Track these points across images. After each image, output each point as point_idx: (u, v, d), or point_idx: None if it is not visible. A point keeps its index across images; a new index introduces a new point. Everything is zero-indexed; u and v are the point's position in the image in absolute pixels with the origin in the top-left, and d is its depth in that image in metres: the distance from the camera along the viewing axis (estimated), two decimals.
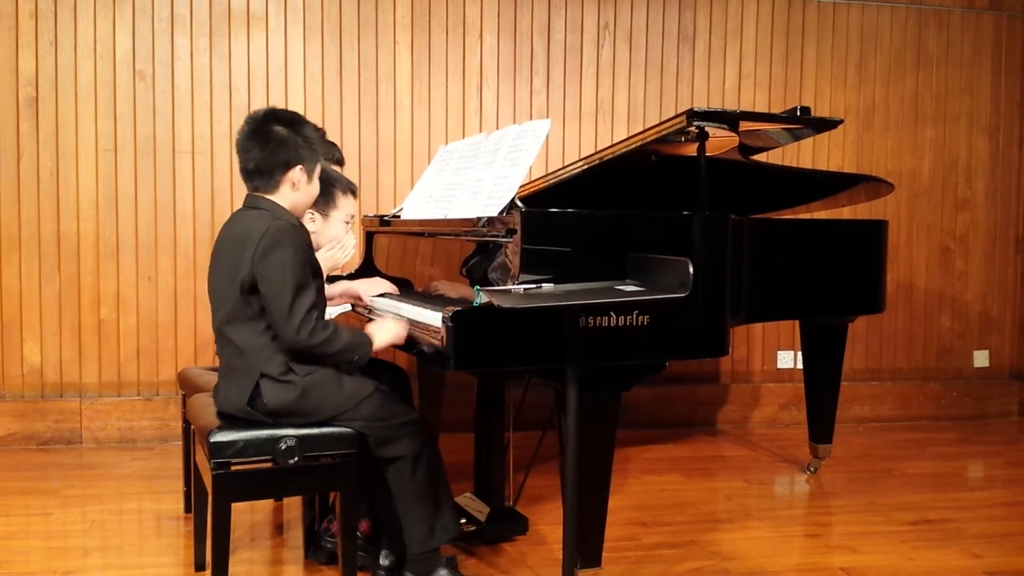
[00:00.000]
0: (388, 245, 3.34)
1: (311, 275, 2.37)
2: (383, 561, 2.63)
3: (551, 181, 2.97)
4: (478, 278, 2.53)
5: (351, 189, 2.93)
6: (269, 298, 2.30)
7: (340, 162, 3.49)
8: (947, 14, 5.02)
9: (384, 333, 2.47)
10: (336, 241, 2.93)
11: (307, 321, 2.29)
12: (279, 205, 2.42)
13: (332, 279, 3.13)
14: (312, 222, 2.83)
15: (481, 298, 2.19)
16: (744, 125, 2.84)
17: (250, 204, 2.45)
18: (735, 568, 2.85)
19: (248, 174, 2.43)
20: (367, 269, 3.47)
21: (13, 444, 4.19)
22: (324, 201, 2.80)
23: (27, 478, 3.75)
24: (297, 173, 2.41)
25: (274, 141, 2.38)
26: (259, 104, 4.30)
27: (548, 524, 3.16)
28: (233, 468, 2.34)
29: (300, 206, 2.50)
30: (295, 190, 2.43)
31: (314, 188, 2.50)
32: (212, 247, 2.50)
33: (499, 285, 2.38)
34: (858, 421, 4.98)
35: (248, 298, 2.34)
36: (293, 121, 2.42)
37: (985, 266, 5.17)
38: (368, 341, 2.43)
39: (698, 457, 4.25)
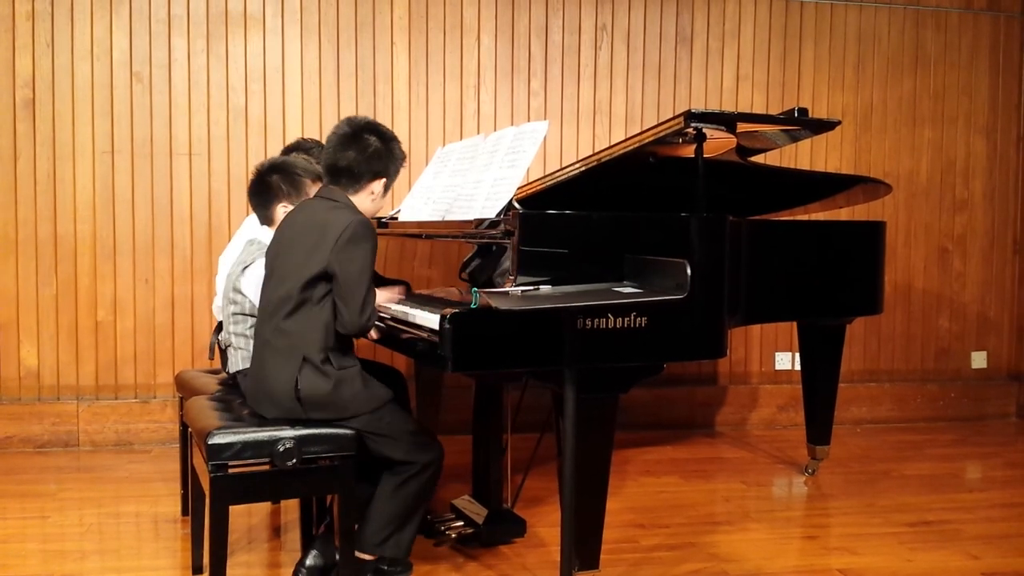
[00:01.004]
0: (386, 247, 3.34)
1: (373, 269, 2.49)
2: (309, 561, 2.61)
3: (549, 183, 2.97)
4: (476, 280, 2.53)
5: (320, 178, 2.94)
6: (345, 288, 2.39)
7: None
8: (945, 15, 5.02)
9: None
10: None
11: (373, 314, 2.43)
12: (355, 205, 2.54)
13: None
14: (285, 209, 2.82)
15: (479, 300, 2.19)
16: (742, 126, 2.84)
17: (327, 195, 2.55)
18: (733, 570, 2.85)
19: (336, 171, 2.54)
20: None
21: (10, 447, 4.18)
22: (296, 191, 2.84)
23: (24, 481, 3.74)
24: (380, 185, 2.56)
25: (373, 149, 2.52)
26: (256, 106, 4.32)
27: (546, 526, 3.16)
28: (231, 470, 2.33)
29: (367, 213, 2.59)
30: (372, 199, 2.58)
31: (383, 202, 2.64)
32: (208, 250, 2.51)
33: (497, 287, 2.38)
34: (856, 422, 4.98)
35: (314, 284, 2.42)
36: (389, 137, 2.58)
37: (983, 267, 5.17)
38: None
39: (696, 459, 4.24)
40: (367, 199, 2.57)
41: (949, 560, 2.96)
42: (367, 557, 2.50)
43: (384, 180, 2.57)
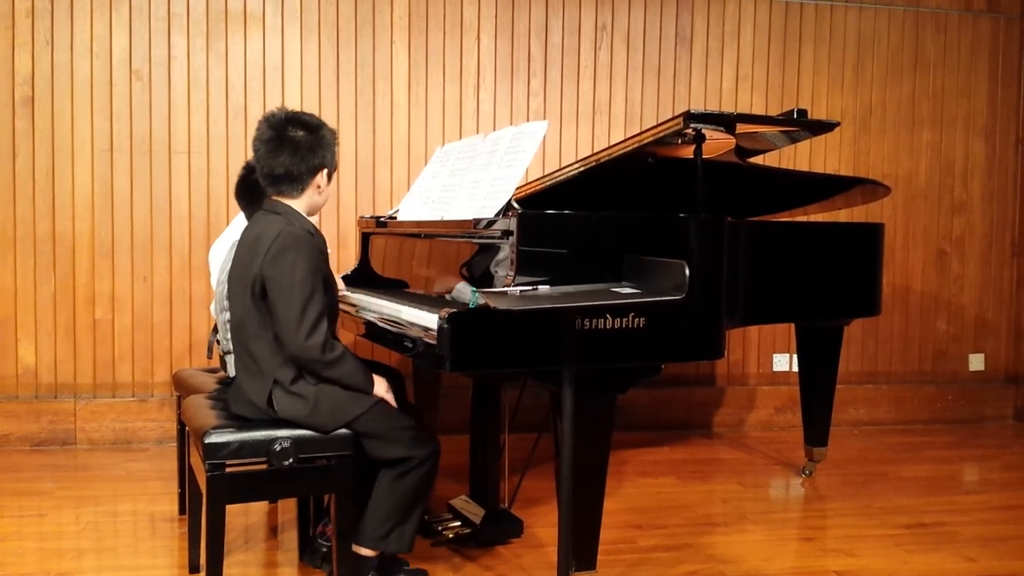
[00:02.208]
0: (384, 246, 3.34)
1: (322, 285, 2.37)
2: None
3: (548, 183, 2.98)
4: (475, 280, 2.53)
5: None
6: (277, 304, 2.30)
7: None
8: (944, 17, 5.03)
9: (381, 387, 2.47)
10: None
11: (316, 332, 2.29)
12: (295, 210, 2.45)
13: None
14: None
15: (477, 300, 2.19)
16: (741, 127, 2.84)
17: (268, 208, 2.47)
18: (730, 571, 2.85)
19: (274, 179, 2.44)
20: (363, 270, 3.46)
21: (7, 445, 4.18)
22: None
23: (21, 479, 3.74)
24: (323, 176, 2.47)
25: (303, 147, 2.41)
26: (255, 104, 4.31)
27: (543, 526, 3.16)
28: (228, 470, 2.33)
29: (316, 207, 2.53)
30: (319, 192, 2.48)
31: (331, 189, 2.54)
32: (207, 249, 2.51)
33: (496, 287, 2.38)
34: (853, 424, 4.98)
35: (259, 304, 2.36)
36: (315, 125, 2.45)
37: (981, 269, 5.17)
38: (371, 386, 2.45)
39: (694, 460, 4.24)
40: (315, 195, 2.48)
41: (945, 562, 2.96)
42: (368, 552, 2.47)
43: (326, 170, 2.46)
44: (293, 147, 2.40)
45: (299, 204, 2.47)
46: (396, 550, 2.51)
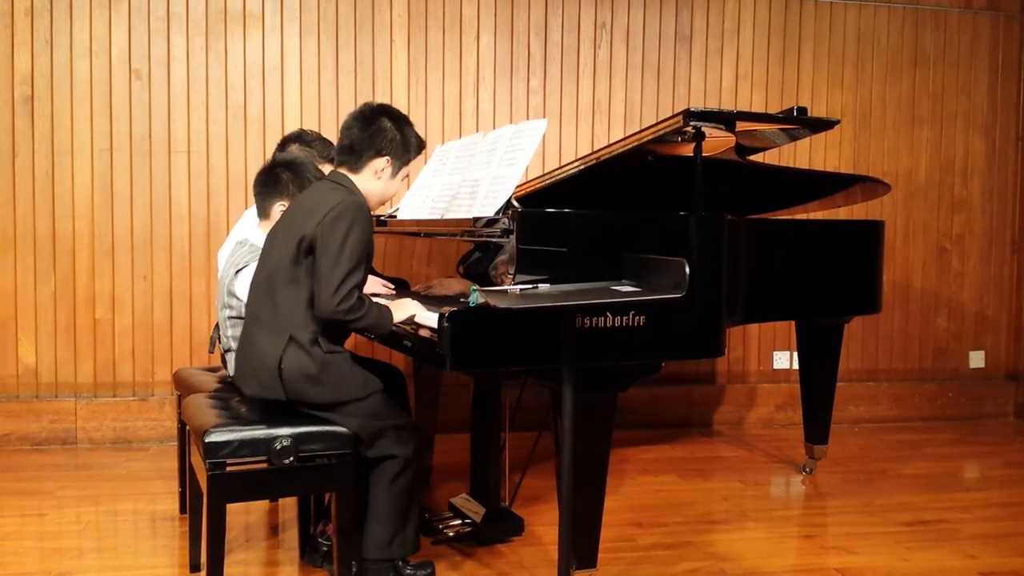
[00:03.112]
0: (384, 245, 3.34)
1: (366, 258, 2.41)
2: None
3: (548, 181, 2.97)
4: (475, 278, 2.53)
5: None
6: (321, 264, 2.34)
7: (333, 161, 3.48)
8: (944, 14, 5.02)
9: (401, 311, 2.48)
10: None
11: (349, 298, 2.33)
12: (356, 187, 2.50)
13: None
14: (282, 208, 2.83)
15: (477, 298, 2.19)
16: (741, 125, 2.83)
17: (331, 178, 2.54)
18: (731, 569, 2.85)
19: (341, 150, 2.54)
20: None
21: (8, 445, 4.18)
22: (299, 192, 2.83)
23: (22, 479, 3.74)
24: (383, 162, 2.52)
25: (375, 127, 2.50)
26: (255, 104, 4.31)
27: (544, 525, 3.16)
28: (228, 468, 2.33)
29: (374, 196, 2.55)
30: (377, 178, 2.53)
31: (394, 185, 2.58)
32: (207, 248, 2.51)
33: (496, 285, 2.38)
34: (854, 422, 4.98)
35: (302, 260, 2.39)
36: (399, 119, 2.56)
37: (981, 266, 5.17)
38: (390, 317, 2.45)
39: (694, 458, 4.24)
40: (371, 179, 2.52)
41: (946, 559, 2.96)
42: (378, 559, 2.50)
43: (388, 158, 2.51)
44: (366, 125, 2.51)
45: (360, 183, 2.51)
46: (403, 554, 2.52)
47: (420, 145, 2.61)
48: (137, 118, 4.24)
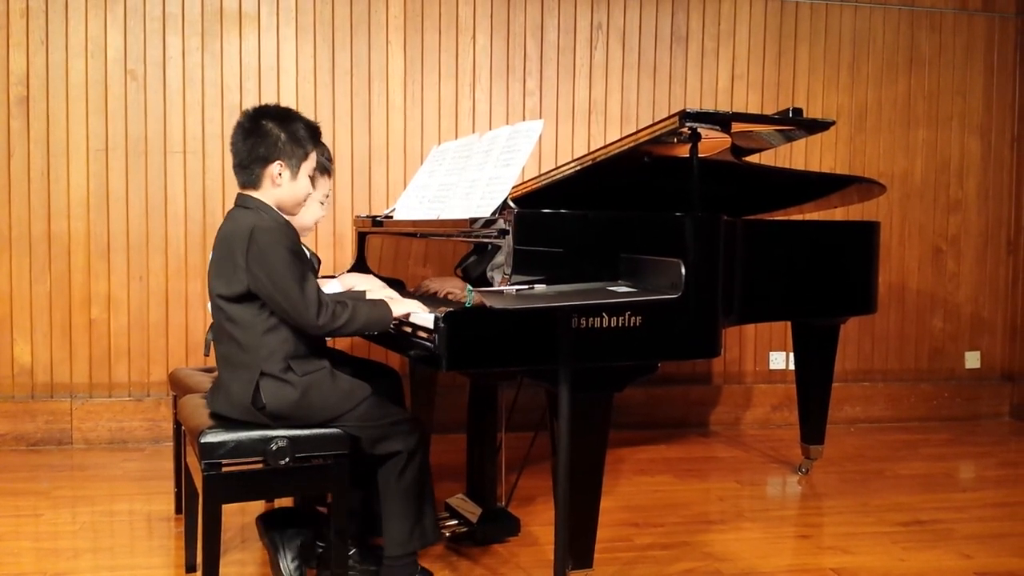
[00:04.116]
0: (380, 246, 3.34)
1: (303, 262, 2.36)
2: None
3: (544, 182, 2.97)
4: (471, 279, 2.53)
5: (327, 170, 2.93)
6: (276, 298, 2.28)
7: (328, 160, 3.47)
8: (939, 16, 5.04)
9: (401, 307, 2.45)
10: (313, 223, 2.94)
11: (323, 305, 2.29)
12: (264, 203, 2.41)
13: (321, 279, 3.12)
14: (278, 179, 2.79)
15: (473, 299, 2.18)
16: (736, 126, 2.84)
17: (239, 203, 2.44)
18: (727, 569, 2.85)
19: (235, 169, 2.43)
20: (359, 270, 3.46)
21: (3, 445, 4.17)
22: (295, 155, 2.79)
23: (17, 479, 3.73)
24: (275, 169, 2.40)
25: (256, 136, 2.37)
26: (251, 104, 4.27)
27: (540, 525, 3.16)
28: (224, 469, 2.33)
29: (286, 203, 2.46)
30: (276, 186, 2.41)
31: (300, 185, 2.46)
32: (202, 249, 2.50)
33: (492, 286, 2.38)
34: (850, 422, 4.99)
35: (248, 300, 2.33)
36: (281, 117, 2.41)
37: (977, 267, 5.18)
38: (388, 311, 2.41)
39: (690, 458, 4.25)
40: (272, 190, 2.40)
41: (942, 559, 2.97)
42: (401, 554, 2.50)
43: (279, 162, 2.38)
44: (246, 136, 2.38)
45: (265, 197, 2.42)
46: (423, 545, 2.52)
47: (314, 134, 2.47)
48: (133, 119, 4.24)
